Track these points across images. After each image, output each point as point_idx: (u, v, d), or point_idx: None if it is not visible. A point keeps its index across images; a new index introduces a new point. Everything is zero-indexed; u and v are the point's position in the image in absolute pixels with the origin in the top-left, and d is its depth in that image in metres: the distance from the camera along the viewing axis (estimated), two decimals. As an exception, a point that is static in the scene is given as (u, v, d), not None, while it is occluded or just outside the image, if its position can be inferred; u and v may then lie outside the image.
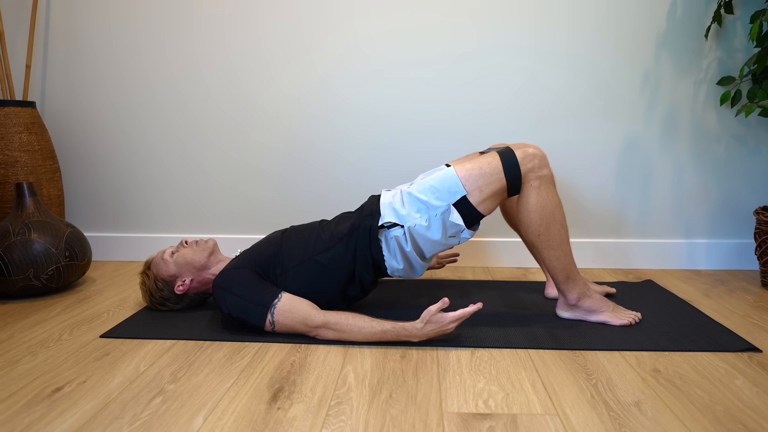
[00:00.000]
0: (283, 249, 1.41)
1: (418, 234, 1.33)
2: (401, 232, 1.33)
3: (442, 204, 1.31)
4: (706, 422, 0.94)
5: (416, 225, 1.32)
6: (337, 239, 1.38)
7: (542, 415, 0.97)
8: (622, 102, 1.89)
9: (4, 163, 1.82)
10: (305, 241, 1.41)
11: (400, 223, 1.33)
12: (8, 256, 1.58)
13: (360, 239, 1.36)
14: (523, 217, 1.33)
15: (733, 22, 1.81)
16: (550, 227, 1.31)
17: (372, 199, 1.45)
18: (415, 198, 1.34)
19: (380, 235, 1.35)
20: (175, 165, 2.06)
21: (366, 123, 1.97)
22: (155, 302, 1.51)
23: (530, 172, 1.30)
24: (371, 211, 1.38)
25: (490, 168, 1.30)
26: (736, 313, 1.49)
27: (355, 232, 1.36)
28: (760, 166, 1.89)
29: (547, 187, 1.31)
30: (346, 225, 1.39)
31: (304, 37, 1.93)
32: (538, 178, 1.30)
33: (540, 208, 1.30)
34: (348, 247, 1.36)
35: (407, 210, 1.34)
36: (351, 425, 0.94)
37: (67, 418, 0.97)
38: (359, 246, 1.36)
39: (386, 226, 1.34)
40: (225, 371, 1.15)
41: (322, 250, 1.38)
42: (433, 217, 1.32)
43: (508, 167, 1.29)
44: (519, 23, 1.87)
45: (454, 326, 1.24)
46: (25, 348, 1.29)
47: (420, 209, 1.33)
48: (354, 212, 1.45)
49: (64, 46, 2.01)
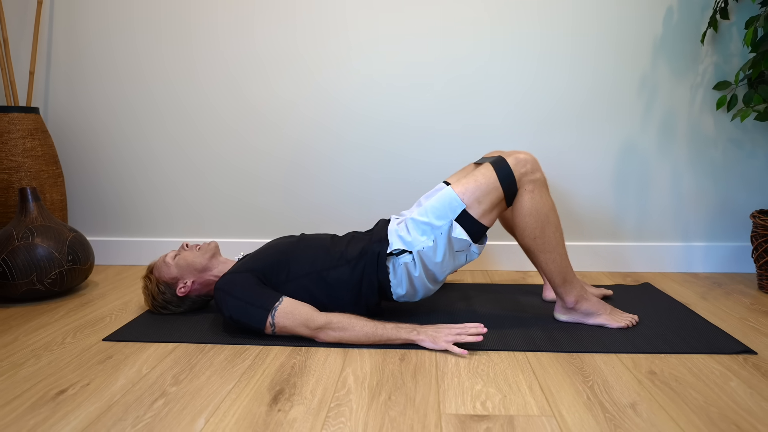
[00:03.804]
0: (291, 258, 1.42)
1: (427, 256, 1.35)
2: (410, 258, 1.36)
3: (445, 222, 1.33)
4: (700, 423, 0.95)
5: (424, 248, 1.34)
6: (346, 260, 1.40)
7: (539, 417, 0.98)
8: (620, 106, 1.91)
9: (8, 168, 1.84)
10: (314, 254, 1.42)
11: (408, 249, 1.36)
12: (12, 260, 1.60)
13: (368, 264, 1.38)
14: (518, 221, 1.35)
15: (728, 27, 1.83)
16: (545, 230, 1.33)
17: (381, 225, 1.47)
18: (419, 222, 1.36)
19: (388, 262, 1.37)
20: (176, 170, 2.08)
21: (366, 129, 1.99)
22: (157, 306, 1.52)
23: (523, 176, 1.32)
24: (380, 238, 1.40)
25: (485, 179, 1.33)
26: (732, 315, 1.50)
27: (364, 256, 1.39)
28: (757, 170, 1.91)
29: (541, 190, 1.33)
30: (357, 248, 1.41)
31: (304, 42, 1.95)
32: (531, 182, 1.32)
33: (534, 212, 1.32)
34: (355, 271, 1.38)
35: (413, 236, 1.36)
36: (350, 427, 0.95)
37: (71, 421, 0.98)
38: (367, 271, 1.38)
39: (395, 253, 1.36)
40: (226, 374, 1.17)
41: (329, 266, 1.40)
42: (438, 237, 1.34)
43: (503, 176, 1.32)
44: (521, 29, 1.89)
45: (449, 339, 1.26)
46: (29, 351, 1.30)
47: (425, 231, 1.35)
48: (364, 235, 1.48)
49: (66, 53, 2.04)
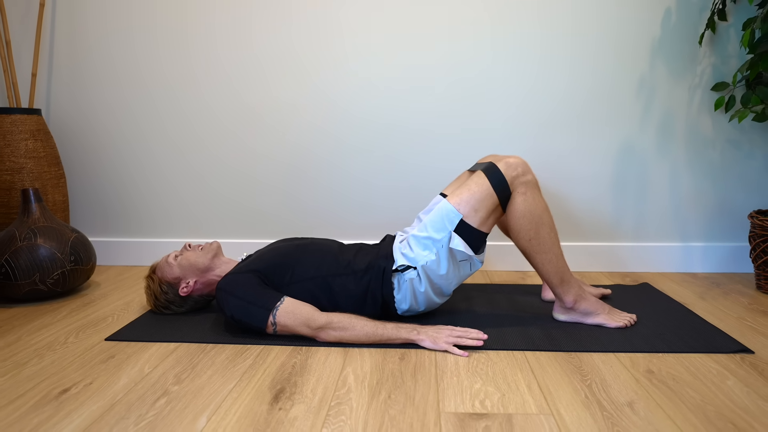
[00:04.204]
0: (296, 260, 1.43)
1: (432, 270, 1.36)
2: (415, 274, 1.37)
3: (444, 234, 1.35)
4: (697, 422, 0.96)
5: (427, 262, 1.36)
6: (352, 270, 1.41)
7: (537, 415, 0.99)
8: (619, 108, 1.92)
9: (11, 170, 1.86)
10: (321, 258, 1.44)
11: (412, 265, 1.37)
12: (15, 260, 1.61)
13: (374, 279, 1.39)
14: (513, 223, 1.36)
15: (726, 29, 1.84)
16: (539, 231, 1.35)
17: (388, 240, 1.49)
18: (419, 238, 1.38)
19: (393, 278, 1.39)
20: (175, 172, 2.09)
21: (366, 132, 2.00)
22: (160, 305, 1.54)
23: (515, 180, 1.34)
24: (386, 254, 1.42)
25: (479, 188, 1.34)
26: (730, 315, 1.51)
27: (370, 271, 1.40)
28: (755, 171, 1.92)
29: (533, 192, 1.35)
30: (364, 260, 1.43)
31: (302, 45, 1.97)
32: (523, 184, 1.34)
33: (528, 213, 1.34)
34: (360, 283, 1.40)
35: (415, 252, 1.38)
36: (350, 425, 0.97)
37: (74, 419, 1.00)
38: (372, 286, 1.39)
39: (400, 269, 1.38)
40: (228, 373, 1.18)
41: (334, 273, 1.41)
42: (440, 249, 1.35)
43: (496, 182, 1.34)
44: (522, 29, 1.90)
45: (450, 341, 1.28)
46: (32, 351, 1.31)
47: (426, 246, 1.37)
48: (372, 248, 1.49)
49: (68, 55, 2.05)
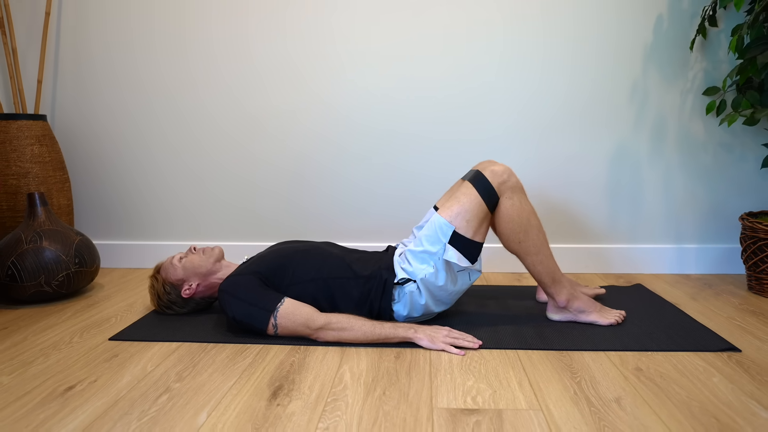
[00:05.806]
0: (296, 262, 1.46)
1: (430, 282, 1.40)
2: (415, 287, 1.41)
3: (440, 247, 1.38)
4: (681, 417, 0.99)
5: (426, 275, 1.39)
6: (354, 275, 1.44)
7: (526, 410, 1.02)
8: (614, 112, 1.95)
9: (17, 174, 1.90)
10: (323, 260, 1.47)
11: (412, 278, 1.41)
12: (21, 263, 1.65)
13: (375, 288, 1.42)
14: (502, 228, 1.40)
15: (717, 34, 1.88)
16: (528, 233, 1.39)
17: (391, 252, 1.53)
18: (415, 252, 1.41)
19: (394, 290, 1.42)
20: (177, 177, 2.13)
21: (367, 140, 2.04)
22: (162, 305, 1.57)
23: (501, 185, 1.38)
24: (389, 266, 1.45)
25: (468, 198, 1.38)
26: (720, 315, 1.54)
27: (372, 279, 1.43)
28: (747, 173, 1.95)
29: (519, 195, 1.38)
30: (367, 268, 1.46)
31: (298, 52, 2.01)
32: (509, 189, 1.38)
33: (516, 217, 1.38)
34: (361, 290, 1.43)
35: (414, 266, 1.41)
36: (346, 420, 1.00)
37: (79, 415, 1.03)
38: (372, 295, 1.42)
39: (401, 282, 1.41)
40: (228, 371, 1.21)
41: (336, 276, 1.44)
42: (437, 261, 1.39)
43: (483, 190, 1.37)
44: (527, 37, 1.94)
45: (447, 341, 1.31)
46: (38, 350, 1.35)
47: (423, 259, 1.40)
48: (374, 256, 1.52)
49: (73, 62, 2.09)
